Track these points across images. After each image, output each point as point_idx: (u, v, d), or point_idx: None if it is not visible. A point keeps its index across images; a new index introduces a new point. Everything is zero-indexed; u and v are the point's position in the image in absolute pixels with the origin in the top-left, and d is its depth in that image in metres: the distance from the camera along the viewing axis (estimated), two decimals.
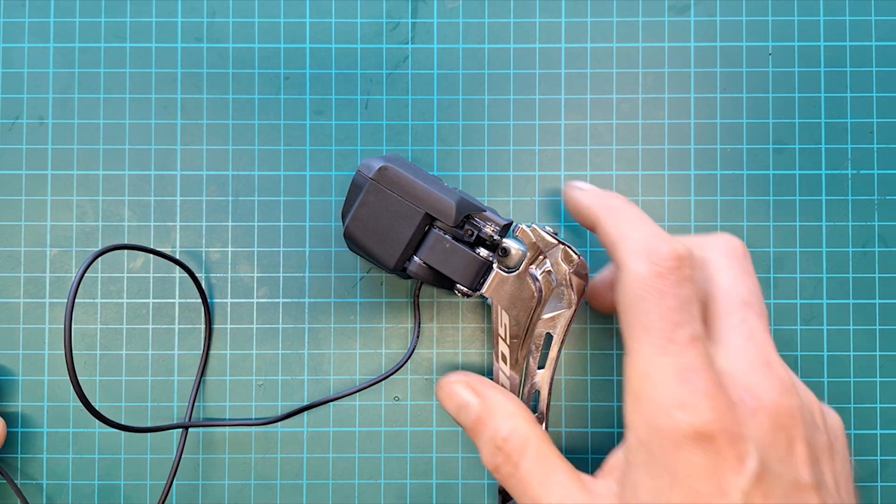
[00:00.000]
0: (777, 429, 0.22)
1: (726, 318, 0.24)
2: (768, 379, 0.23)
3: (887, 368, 0.32)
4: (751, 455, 0.21)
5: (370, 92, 0.32)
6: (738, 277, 0.25)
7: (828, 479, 0.23)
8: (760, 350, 0.24)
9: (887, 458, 0.32)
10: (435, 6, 0.32)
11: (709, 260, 0.26)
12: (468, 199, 0.28)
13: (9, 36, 0.32)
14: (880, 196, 0.32)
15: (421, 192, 0.27)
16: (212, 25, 0.32)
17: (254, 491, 0.31)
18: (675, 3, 0.32)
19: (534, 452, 0.25)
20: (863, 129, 0.32)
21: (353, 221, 0.27)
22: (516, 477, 0.25)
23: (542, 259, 0.28)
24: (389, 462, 0.32)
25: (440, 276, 0.28)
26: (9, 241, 0.32)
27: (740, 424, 0.21)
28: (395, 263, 0.27)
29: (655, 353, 0.22)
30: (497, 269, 0.28)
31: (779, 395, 0.22)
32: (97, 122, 0.32)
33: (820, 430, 0.24)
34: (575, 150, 0.32)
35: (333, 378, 0.32)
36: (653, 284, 0.22)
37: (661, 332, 0.22)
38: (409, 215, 0.27)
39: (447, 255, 0.27)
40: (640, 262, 0.23)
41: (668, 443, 0.21)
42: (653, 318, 0.22)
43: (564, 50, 0.32)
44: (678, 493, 0.21)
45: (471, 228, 0.27)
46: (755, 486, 0.21)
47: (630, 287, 0.23)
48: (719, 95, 0.32)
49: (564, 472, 0.25)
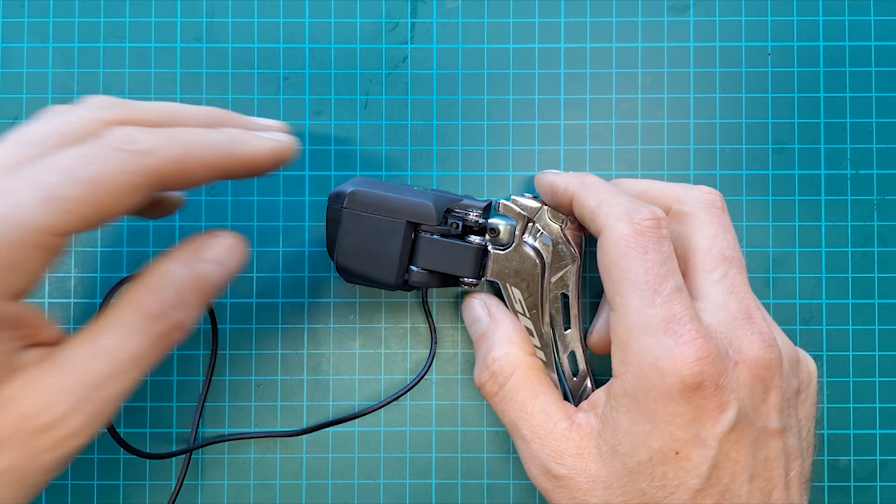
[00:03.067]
0: (755, 380, 0.23)
1: (707, 273, 0.25)
2: (750, 333, 0.24)
3: (887, 368, 0.32)
4: (731, 406, 0.23)
5: (369, 92, 0.32)
6: (718, 232, 0.26)
7: (792, 422, 0.24)
8: (742, 303, 0.24)
9: (887, 458, 0.32)
10: (434, 6, 0.32)
11: (687, 213, 0.26)
12: (442, 194, 0.28)
13: (8, 36, 0.32)
14: (879, 196, 0.32)
15: (395, 203, 0.27)
16: (211, 25, 0.32)
17: (253, 491, 0.31)
18: (675, 3, 0.32)
19: (520, 377, 0.26)
20: (862, 129, 0.32)
21: (342, 255, 0.27)
22: (499, 396, 0.27)
23: (532, 226, 0.28)
24: (389, 462, 0.32)
25: (442, 276, 0.28)
26: None
27: (724, 376, 0.22)
28: (395, 280, 0.27)
29: (642, 304, 0.23)
30: (493, 251, 0.28)
31: (759, 348, 0.24)
32: None
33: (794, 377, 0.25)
34: (574, 151, 0.32)
35: (333, 378, 0.32)
36: (636, 241, 0.23)
37: (647, 285, 0.23)
38: (393, 229, 0.27)
39: (442, 254, 0.27)
40: (622, 222, 0.24)
41: (653, 392, 0.22)
42: (638, 272, 0.23)
43: (564, 50, 0.32)
44: (656, 438, 0.23)
45: (455, 221, 0.27)
46: (729, 433, 0.22)
47: (614, 246, 0.24)
48: (718, 95, 0.32)
49: (548, 398, 0.26)
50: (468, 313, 0.30)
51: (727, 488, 0.23)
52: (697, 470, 0.22)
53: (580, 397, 0.29)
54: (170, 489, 0.31)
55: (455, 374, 0.32)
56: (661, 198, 0.27)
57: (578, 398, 0.29)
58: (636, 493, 0.23)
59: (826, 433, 0.32)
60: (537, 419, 0.25)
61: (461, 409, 0.32)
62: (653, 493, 0.23)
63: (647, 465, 0.23)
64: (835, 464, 0.32)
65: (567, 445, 0.24)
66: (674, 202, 0.27)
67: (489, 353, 0.27)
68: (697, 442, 0.22)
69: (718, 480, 0.23)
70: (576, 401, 0.29)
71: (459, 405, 0.32)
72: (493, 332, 0.28)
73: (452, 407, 0.32)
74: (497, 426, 0.32)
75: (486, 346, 0.28)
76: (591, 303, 0.32)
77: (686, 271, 0.26)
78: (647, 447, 0.23)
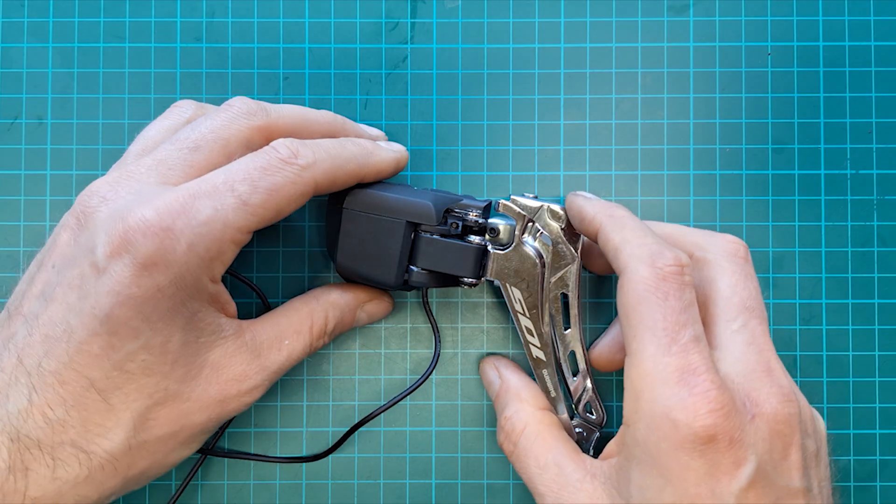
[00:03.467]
0: (774, 436, 0.22)
1: (727, 322, 0.24)
2: (769, 386, 0.23)
3: (886, 368, 0.32)
4: (748, 461, 0.21)
5: (369, 92, 0.32)
6: (740, 281, 0.25)
7: (814, 483, 0.23)
8: (761, 356, 0.24)
9: (886, 458, 0.32)
10: (434, 6, 0.32)
11: (710, 261, 0.26)
12: (442, 194, 0.28)
13: (8, 36, 0.32)
14: (879, 196, 0.32)
15: (395, 203, 0.27)
16: (211, 25, 0.32)
17: (253, 491, 0.31)
18: (675, 3, 0.32)
19: (531, 432, 0.26)
20: (862, 129, 0.32)
21: (342, 254, 0.27)
22: (514, 454, 0.27)
23: (532, 225, 0.28)
24: (389, 462, 0.32)
25: (442, 276, 0.28)
26: (8, 241, 0.32)
27: (740, 430, 0.22)
28: (395, 279, 0.27)
29: (658, 352, 0.22)
30: (493, 250, 0.28)
31: (779, 402, 0.23)
32: (96, 123, 0.32)
33: (811, 436, 0.24)
34: (574, 150, 0.32)
35: (332, 378, 0.32)
36: (657, 286, 0.23)
37: (665, 332, 0.22)
38: (392, 229, 0.27)
39: (442, 254, 0.27)
40: (644, 265, 0.23)
41: (664, 444, 0.22)
42: (656, 318, 0.22)
43: (564, 50, 0.32)
44: (669, 493, 0.22)
45: (454, 221, 0.27)
46: (748, 490, 0.21)
47: (634, 289, 0.23)
48: (718, 95, 0.32)
49: (561, 451, 0.26)
50: (483, 378, 0.31)
51: None
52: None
53: (580, 399, 0.29)
54: (170, 489, 0.31)
55: (455, 374, 0.32)
56: (685, 244, 0.27)
57: (578, 399, 0.29)
58: None
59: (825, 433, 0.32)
60: (550, 472, 0.25)
61: (461, 409, 0.32)
62: None
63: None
64: (835, 464, 0.32)
65: (580, 497, 0.24)
66: (696, 248, 0.26)
67: (502, 413, 0.28)
68: (713, 498, 0.21)
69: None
70: (576, 404, 0.29)
71: (459, 405, 0.32)
72: (504, 393, 0.29)
73: (452, 407, 0.32)
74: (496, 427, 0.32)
75: (499, 406, 0.29)
76: (591, 303, 0.32)
77: (706, 320, 0.25)
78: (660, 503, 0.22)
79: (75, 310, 0.22)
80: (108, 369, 0.22)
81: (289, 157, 0.24)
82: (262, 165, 0.24)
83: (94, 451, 0.23)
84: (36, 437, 0.22)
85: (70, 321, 0.22)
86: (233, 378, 0.25)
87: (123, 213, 0.22)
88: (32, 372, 0.22)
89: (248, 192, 0.23)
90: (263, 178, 0.23)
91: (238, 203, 0.23)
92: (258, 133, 0.26)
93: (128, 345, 0.22)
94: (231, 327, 0.25)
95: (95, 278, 0.22)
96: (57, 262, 0.24)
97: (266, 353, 0.26)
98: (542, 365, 0.29)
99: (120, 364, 0.23)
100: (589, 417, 0.29)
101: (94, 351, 0.22)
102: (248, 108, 0.26)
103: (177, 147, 0.25)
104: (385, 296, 0.30)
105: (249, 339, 0.26)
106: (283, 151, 0.24)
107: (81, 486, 0.23)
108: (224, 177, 0.23)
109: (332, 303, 0.28)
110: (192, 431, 0.25)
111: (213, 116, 0.25)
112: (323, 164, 0.25)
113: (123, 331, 0.22)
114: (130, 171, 0.24)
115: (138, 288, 0.22)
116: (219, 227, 0.23)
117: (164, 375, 0.23)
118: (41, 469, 0.22)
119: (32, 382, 0.22)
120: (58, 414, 0.22)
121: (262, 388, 0.26)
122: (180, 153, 0.24)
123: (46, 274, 0.24)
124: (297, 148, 0.24)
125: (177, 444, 0.25)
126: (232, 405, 0.25)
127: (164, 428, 0.24)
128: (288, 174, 0.24)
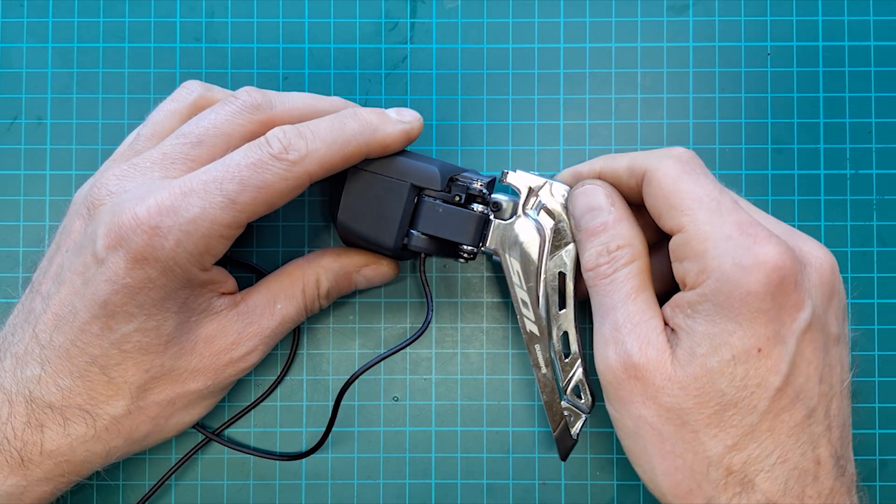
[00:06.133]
0: (823, 283, 0.24)
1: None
2: (807, 241, 0.25)
3: (886, 368, 0.32)
4: (807, 304, 0.23)
5: (369, 92, 0.32)
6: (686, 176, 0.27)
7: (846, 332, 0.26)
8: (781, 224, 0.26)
9: (886, 458, 0.32)
10: (434, 6, 0.32)
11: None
12: (449, 164, 0.28)
13: (7, 36, 0.32)
14: (879, 196, 0.32)
15: (402, 165, 0.27)
16: (210, 25, 0.32)
17: (253, 491, 0.31)
18: (674, 3, 0.32)
19: (637, 268, 0.26)
20: (861, 129, 0.32)
21: (344, 211, 0.27)
22: (609, 278, 0.26)
23: (536, 200, 0.28)
24: (389, 462, 0.32)
25: (441, 244, 0.28)
26: (7, 241, 0.32)
27: (802, 274, 0.23)
28: (394, 241, 0.27)
29: (711, 216, 0.24)
30: (495, 220, 0.28)
31: (823, 253, 0.25)
32: (96, 123, 0.32)
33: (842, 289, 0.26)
34: (574, 150, 0.32)
35: (332, 378, 0.32)
36: (684, 169, 0.25)
37: (710, 199, 0.24)
38: (396, 191, 0.27)
39: (444, 220, 0.27)
40: (666, 159, 0.25)
41: (737, 291, 0.23)
42: (697, 192, 0.25)
43: (563, 50, 0.32)
44: (739, 336, 0.23)
45: (458, 190, 0.27)
46: (805, 332, 0.23)
47: (666, 175, 0.25)
48: (718, 95, 0.32)
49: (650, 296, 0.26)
50: (587, 198, 0.27)
51: (802, 389, 0.23)
52: (777, 367, 0.23)
53: (570, 381, 0.29)
54: (171, 489, 0.31)
55: (455, 374, 0.32)
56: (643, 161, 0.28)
57: (568, 381, 0.29)
58: (714, 395, 0.23)
59: None
60: (638, 306, 0.26)
61: (461, 409, 0.32)
62: (732, 394, 0.23)
63: (729, 365, 0.23)
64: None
65: (656, 338, 0.25)
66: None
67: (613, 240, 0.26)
68: (777, 339, 0.23)
69: (794, 380, 0.23)
70: (565, 386, 0.29)
71: (459, 405, 0.32)
72: (618, 223, 0.27)
73: (452, 407, 0.32)
74: (497, 426, 0.32)
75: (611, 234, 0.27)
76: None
77: None
78: (730, 346, 0.23)
79: (80, 294, 0.24)
80: (107, 348, 0.25)
81: (280, 151, 0.24)
82: (253, 162, 0.24)
83: (100, 414, 0.25)
84: (48, 400, 0.25)
85: (75, 304, 0.24)
86: (226, 347, 0.27)
87: (120, 210, 0.24)
88: (45, 345, 0.25)
89: (236, 190, 0.24)
90: (253, 176, 0.24)
91: (226, 202, 0.24)
92: (261, 127, 0.26)
93: (123, 327, 0.24)
94: (224, 302, 0.27)
95: (96, 267, 0.24)
96: (70, 248, 0.26)
97: (258, 319, 0.27)
98: (535, 339, 0.28)
99: (117, 344, 0.25)
100: (577, 401, 0.29)
101: (95, 331, 0.24)
102: (253, 101, 0.26)
103: (180, 142, 0.26)
104: (384, 261, 0.30)
105: (243, 308, 0.27)
106: (274, 146, 0.24)
107: (90, 443, 0.26)
108: (215, 174, 0.24)
109: (324, 266, 0.29)
110: (190, 398, 0.27)
111: (218, 110, 0.26)
112: (316, 153, 0.25)
113: (119, 315, 0.24)
114: (136, 164, 0.26)
115: (131, 279, 0.24)
116: (206, 224, 0.24)
117: (159, 354, 0.25)
118: (54, 426, 0.25)
119: (45, 354, 0.25)
120: (66, 383, 0.25)
121: (259, 352, 0.28)
122: (183, 148, 0.25)
123: (61, 257, 0.26)
124: (290, 140, 0.24)
125: (175, 410, 0.27)
126: (227, 371, 0.27)
127: (161, 395, 0.26)
128: (278, 171, 0.24)
